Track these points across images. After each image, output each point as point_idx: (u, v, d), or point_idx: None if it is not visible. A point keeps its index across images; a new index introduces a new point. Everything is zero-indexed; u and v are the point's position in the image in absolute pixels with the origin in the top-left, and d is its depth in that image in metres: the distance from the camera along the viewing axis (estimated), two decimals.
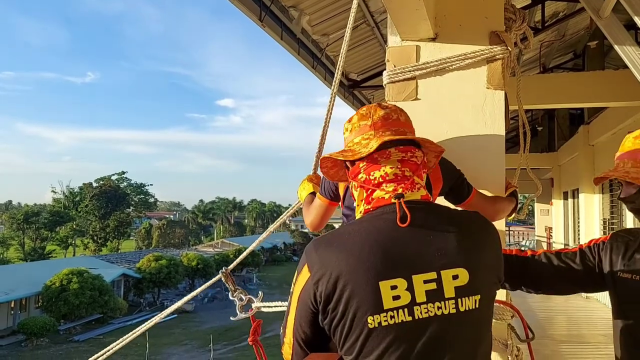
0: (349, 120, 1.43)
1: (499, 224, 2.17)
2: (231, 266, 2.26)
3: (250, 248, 2.59)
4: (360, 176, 1.33)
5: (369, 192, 1.31)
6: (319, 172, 2.26)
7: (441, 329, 1.19)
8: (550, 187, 16.13)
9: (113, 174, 67.78)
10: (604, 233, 10.17)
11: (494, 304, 2.11)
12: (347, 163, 1.40)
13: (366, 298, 1.17)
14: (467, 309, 1.21)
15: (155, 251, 48.91)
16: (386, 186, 1.29)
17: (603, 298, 9.81)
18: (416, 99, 2.25)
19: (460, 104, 2.21)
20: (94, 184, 64.62)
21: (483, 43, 2.18)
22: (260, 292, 2.14)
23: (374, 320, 1.17)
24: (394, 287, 1.17)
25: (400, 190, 1.28)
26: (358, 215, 1.34)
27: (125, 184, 68.23)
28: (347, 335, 1.19)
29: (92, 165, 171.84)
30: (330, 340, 1.27)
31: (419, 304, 1.18)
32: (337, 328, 1.21)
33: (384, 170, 1.30)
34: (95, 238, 61.96)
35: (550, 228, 17.20)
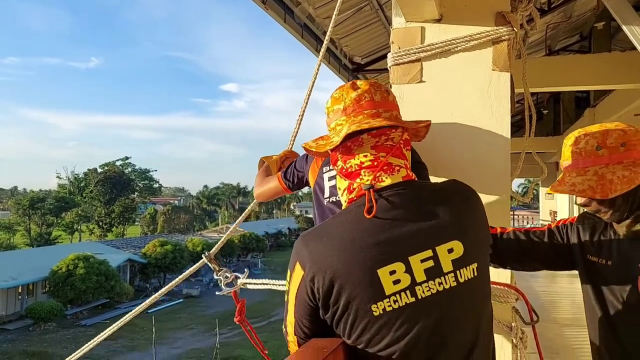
0: (327, 103, 1.39)
1: (503, 209, 2.17)
2: (213, 250, 2.29)
3: (228, 233, 2.62)
4: (338, 163, 1.33)
5: (349, 182, 1.30)
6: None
7: (445, 303, 1.21)
8: (555, 171, 16.06)
9: (117, 160, 68.09)
10: None
11: (498, 287, 2.12)
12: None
13: (366, 288, 1.17)
14: (466, 279, 1.23)
15: (161, 237, 49.20)
16: (365, 173, 1.27)
17: None
18: (421, 81, 2.23)
19: (465, 86, 2.19)
20: (99, 170, 64.88)
21: (489, 24, 2.16)
22: (245, 269, 2.16)
23: (377, 307, 1.17)
24: (392, 272, 1.18)
25: (379, 178, 1.26)
26: (344, 205, 1.33)
27: (129, 169, 68.48)
28: (353, 326, 1.19)
29: (97, 150, 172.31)
30: (333, 331, 1.27)
31: (420, 284, 1.19)
32: (340, 321, 1.21)
33: (358, 159, 1.28)
34: (100, 224, 62.37)
35: (555, 212, 17.16)
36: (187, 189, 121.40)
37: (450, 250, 1.21)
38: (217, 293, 2.21)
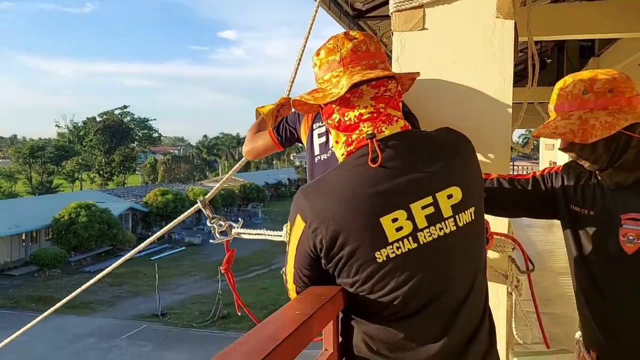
0: (317, 54, 1.36)
1: (503, 160, 2.17)
2: (208, 195, 2.29)
3: (222, 181, 2.59)
4: (334, 116, 1.31)
5: (348, 134, 1.29)
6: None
7: (446, 247, 1.24)
8: None
9: (116, 109, 67.43)
10: None
11: (495, 237, 2.15)
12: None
13: (370, 236, 1.19)
14: (464, 223, 1.26)
15: (162, 186, 49.51)
16: (364, 125, 1.27)
17: None
18: (423, 28, 2.18)
19: (468, 34, 2.15)
20: (98, 119, 64.46)
21: None
22: (240, 219, 2.18)
23: (381, 254, 1.20)
24: (395, 220, 1.20)
25: (379, 128, 1.27)
26: (340, 158, 1.33)
27: (128, 118, 67.98)
28: (357, 274, 1.22)
29: (94, 98, 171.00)
30: (332, 280, 1.30)
31: (422, 230, 1.21)
32: (343, 270, 1.23)
33: (358, 111, 1.27)
34: (101, 172, 62.58)
35: (555, 163, 17.18)
36: (186, 138, 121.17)
37: (450, 196, 1.24)
38: (210, 241, 2.23)
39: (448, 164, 1.27)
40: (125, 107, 68.51)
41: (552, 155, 18.18)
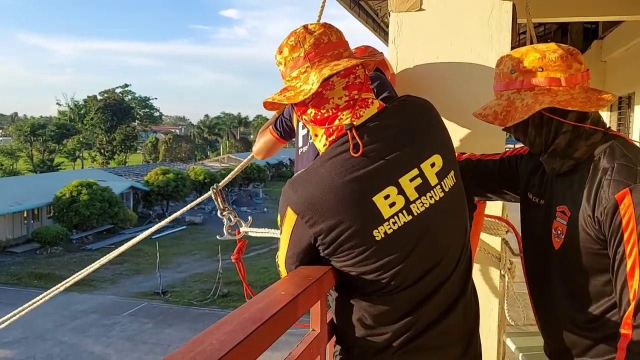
0: (279, 52, 1.35)
1: (498, 144, 2.16)
2: (221, 183, 2.27)
3: (236, 170, 2.58)
4: (309, 111, 1.31)
5: (327, 126, 1.30)
6: None
7: (439, 214, 1.29)
8: None
9: (117, 87, 67.17)
10: None
11: (489, 220, 2.16)
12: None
13: (366, 217, 1.22)
14: (449, 187, 1.32)
15: (163, 165, 49.50)
16: (342, 114, 1.28)
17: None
18: (420, 9, 2.16)
19: (465, 15, 2.13)
20: (98, 97, 64.22)
21: None
22: (249, 217, 2.15)
23: (379, 232, 1.23)
24: (387, 197, 1.24)
25: (357, 113, 1.28)
26: (322, 149, 1.33)
27: (129, 97, 67.75)
28: (358, 254, 1.25)
29: (95, 77, 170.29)
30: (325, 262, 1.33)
31: (414, 201, 1.26)
32: (342, 254, 1.26)
33: (334, 102, 1.29)
34: (102, 151, 62.59)
35: None
36: (188, 118, 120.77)
37: (433, 165, 1.30)
38: (217, 237, 2.20)
39: (425, 134, 1.32)
40: (126, 85, 68.35)
41: None
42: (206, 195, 2.38)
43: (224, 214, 2.14)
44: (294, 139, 2.23)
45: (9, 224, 30.99)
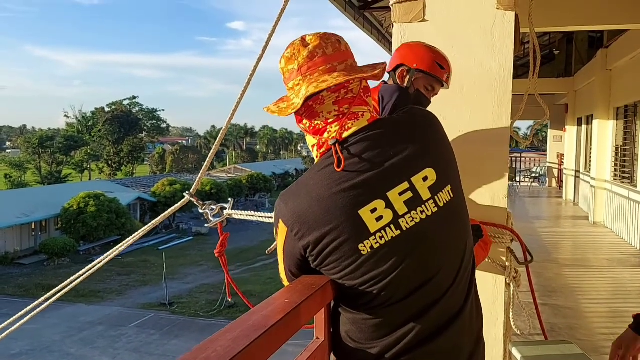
0: (280, 62, 1.36)
1: (502, 150, 2.17)
2: (193, 188, 2.32)
3: (201, 172, 2.59)
4: (304, 122, 1.33)
5: (319, 138, 1.31)
6: None
7: (431, 229, 1.25)
8: (564, 114, 15.87)
9: (124, 99, 67.54)
10: (616, 160, 10.10)
11: (494, 228, 2.16)
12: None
13: (351, 230, 1.20)
14: (445, 202, 1.27)
15: (170, 176, 49.72)
16: (331, 127, 1.28)
17: (610, 223, 9.91)
18: (423, 20, 2.18)
19: (468, 25, 2.15)
20: (106, 109, 64.64)
21: None
22: (230, 199, 2.20)
23: (365, 246, 1.21)
24: (374, 210, 1.21)
25: (346, 126, 1.27)
26: (316, 160, 1.34)
27: (137, 109, 68.12)
28: (344, 269, 1.23)
29: (102, 89, 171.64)
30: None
31: (403, 216, 1.22)
32: (330, 266, 1.25)
33: (323, 116, 1.29)
34: (109, 162, 62.88)
35: (562, 154, 17.09)
36: (194, 129, 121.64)
37: (425, 179, 1.25)
38: (205, 225, 2.26)
39: (419, 147, 1.28)
40: (134, 97, 68.62)
41: (560, 147, 18.06)
42: (182, 202, 2.42)
43: (204, 208, 2.16)
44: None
45: (17, 236, 31.13)
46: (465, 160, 2.15)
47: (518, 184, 19.43)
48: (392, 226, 1.22)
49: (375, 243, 1.21)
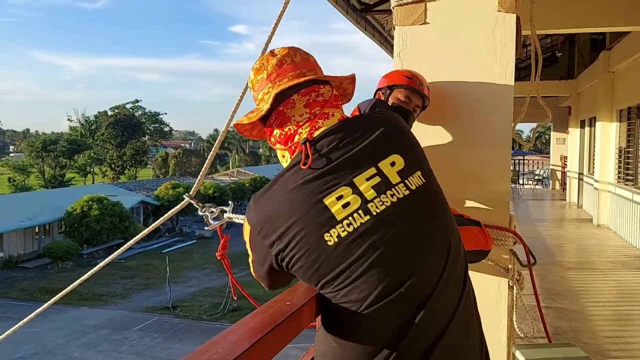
0: (249, 77, 1.37)
1: (504, 153, 2.17)
2: (193, 190, 2.32)
3: (201, 174, 2.60)
4: (275, 132, 1.31)
5: (290, 144, 1.29)
6: None
7: (403, 211, 1.20)
8: (567, 116, 15.84)
9: (127, 103, 67.84)
10: (620, 162, 10.07)
11: (496, 230, 2.15)
12: (261, 123, 1.36)
13: (315, 220, 1.16)
14: (416, 186, 1.23)
15: (172, 179, 49.81)
16: (302, 130, 1.27)
17: (614, 226, 9.88)
18: (425, 22, 2.18)
19: (469, 28, 2.14)
20: (109, 113, 64.86)
21: None
22: (230, 202, 2.20)
23: (331, 235, 1.15)
24: (340, 198, 1.18)
25: (316, 125, 1.27)
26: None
27: (139, 112, 68.36)
28: (312, 262, 1.17)
29: (106, 93, 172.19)
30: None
31: (371, 200, 1.18)
32: (297, 264, 1.20)
33: (294, 120, 1.28)
34: (112, 166, 63.04)
35: (565, 157, 17.05)
36: (197, 132, 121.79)
37: (393, 164, 1.23)
38: (205, 228, 2.26)
39: (383, 136, 1.26)
40: (136, 101, 68.96)
41: (563, 149, 18.03)
42: (181, 204, 2.40)
43: (203, 210, 2.16)
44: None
45: (20, 239, 31.21)
46: (467, 163, 2.16)
47: (521, 187, 19.38)
48: (360, 212, 1.16)
49: (343, 231, 1.15)
